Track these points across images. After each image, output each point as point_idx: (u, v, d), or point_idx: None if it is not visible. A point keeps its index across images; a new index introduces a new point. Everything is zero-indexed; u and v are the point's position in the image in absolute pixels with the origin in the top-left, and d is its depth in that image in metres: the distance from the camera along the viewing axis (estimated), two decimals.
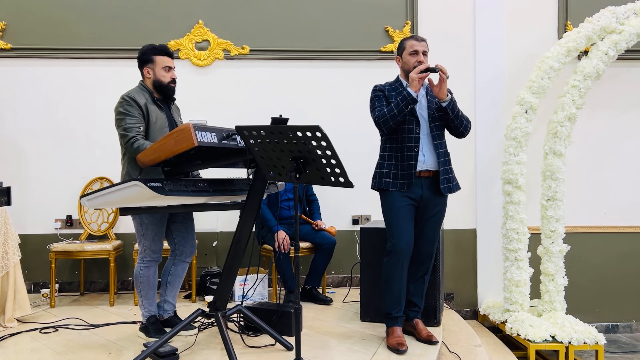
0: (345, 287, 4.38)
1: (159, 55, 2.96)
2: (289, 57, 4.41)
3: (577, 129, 4.00)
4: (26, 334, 3.18)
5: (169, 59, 2.98)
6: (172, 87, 3.00)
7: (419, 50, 2.87)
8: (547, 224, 3.89)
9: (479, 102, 4.41)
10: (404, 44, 2.93)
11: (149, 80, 2.98)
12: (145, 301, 3.01)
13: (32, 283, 4.23)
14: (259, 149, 2.37)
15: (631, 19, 3.98)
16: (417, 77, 2.72)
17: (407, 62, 2.90)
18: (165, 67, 2.96)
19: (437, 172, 2.90)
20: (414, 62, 2.85)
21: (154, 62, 2.95)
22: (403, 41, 2.95)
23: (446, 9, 4.44)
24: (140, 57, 2.99)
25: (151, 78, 2.97)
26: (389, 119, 2.79)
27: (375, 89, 2.97)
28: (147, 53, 2.97)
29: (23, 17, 4.25)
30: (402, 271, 2.91)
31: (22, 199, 4.19)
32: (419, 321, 3.05)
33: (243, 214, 2.73)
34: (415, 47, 2.87)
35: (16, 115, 4.27)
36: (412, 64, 2.85)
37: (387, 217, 2.96)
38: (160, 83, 2.96)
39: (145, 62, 2.98)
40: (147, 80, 2.99)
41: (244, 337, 2.97)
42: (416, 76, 2.72)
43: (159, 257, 3.02)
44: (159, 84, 2.96)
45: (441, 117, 2.93)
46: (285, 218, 3.98)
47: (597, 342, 3.58)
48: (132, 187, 2.37)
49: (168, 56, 2.98)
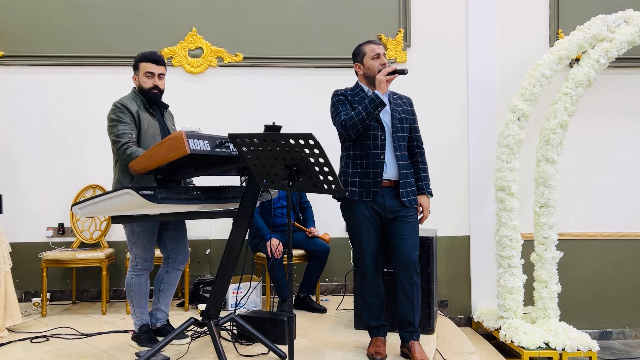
0: (339, 294, 4.36)
1: (143, 62, 2.96)
2: (283, 65, 4.42)
3: (569, 136, 4.02)
4: (17, 343, 3.15)
5: (152, 65, 2.95)
6: (155, 93, 2.96)
7: (381, 53, 2.85)
8: (540, 231, 3.90)
9: (472, 110, 4.43)
10: (363, 49, 2.88)
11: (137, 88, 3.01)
12: (137, 310, 2.99)
13: (23, 292, 4.19)
14: (251, 157, 2.37)
15: (622, 27, 4.02)
16: (385, 79, 2.69)
17: (370, 67, 2.84)
18: (146, 73, 2.94)
19: (397, 183, 2.83)
20: (378, 66, 2.82)
21: (139, 68, 2.97)
22: (360, 47, 2.89)
23: (439, 16, 4.47)
24: (133, 65, 3.02)
25: (137, 85, 2.99)
26: (357, 122, 2.72)
27: (337, 93, 2.90)
28: (136, 60, 2.99)
29: (16, 24, 4.24)
30: (371, 281, 2.88)
31: (14, 207, 4.16)
32: (414, 343, 2.84)
33: (236, 221, 2.72)
34: (376, 51, 2.84)
35: (8, 122, 4.24)
36: (377, 67, 2.82)
37: (350, 228, 2.89)
38: (142, 89, 2.96)
39: (134, 69, 3.01)
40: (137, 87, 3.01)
41: (237, 346, 2.95)
42: (384, 78, 2.69)
43: (150, 265, 3.00)
44: (141, 90, 2.96)
45: (406, 134, 2.91)
46: (279, 225, 3.97)
47: (591, 348, 3.59)
48: (124, 195, 2.36)
49: (153, 62, 2.96)
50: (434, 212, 3.14)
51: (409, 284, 2.82)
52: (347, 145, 2.91)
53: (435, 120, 4.37)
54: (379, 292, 2.93)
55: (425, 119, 3.44)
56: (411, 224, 2.84)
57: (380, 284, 2.93)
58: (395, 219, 2.83)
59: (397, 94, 2.98)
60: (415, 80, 4.26)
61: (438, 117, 4.41)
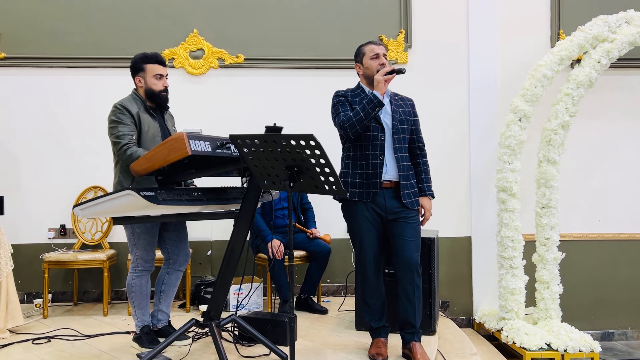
0: (340, 295, 4.36)
1: (149, 64, 2.94)
2: (284, 66, 4.42)
3: (570, 137, 4.02)
4: (18, 344, 3.15)
5: (160, 67, 2.96)
6: (164, 95, 2.98)
7: (380, 53, 2.85)
8: (542, 232, 3.89)
9: (473, 110, 4.43)
10: (363, 49, 2.89)
11: (141, 89, 2.97)
12: (138, 311, 2.99)
13: (24, 293, 4.19)
14: (252, 158, 2.37)
15: (623, 27, 4.01)
16: (383, 79, 2.68)
17: (369, 67, 2.85)
18: (156, 75, 2.94)
19: (397, 184, 2.82)
20: (377, 66, 2.82)
21: (144, 70, 2.94)
22: (361, 47, 2.90)
23: (440, 17, 4.47)
24: (132, 66, 2.98)
25: (143, 87, 2.96)
26: (356, 122, 2.72)
27: (338, 94, 2.90)
28: (138, 62, 2.96)
29: (17, 26, 4.24)
30: (373, 282, 2.88)
31: (15, 209, 4.17)
32: (416, 344, 2.83)
33: (237, 222, 2.72)
34: (375, 51, 2.84)
35: (10, 124, 4.25)
36: (375, 67, 2.82)
37: (351, 229, 2.89)
38: (151, 91, 2.94)
39: (137, 70, 2.97)
40: (139, 89, 2.98)
41: (238, 347, 2.95)
42: (382, 78, 2.68)
43: (151, 266, 3.00)
44: (151, 92, 2.95)
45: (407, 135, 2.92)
46: (280, 227, 3.97)
47: (593, 349, 3.57)
48: (125, 196, 2.36)
49: (159, 64, 2.96)
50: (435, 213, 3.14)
51: (410, 285, 2.81)
52: (347, 146, 2.91)
53: (436, 120, 4.37)
54: (380, 294, 2.93)
55: (426, 119, 3.44)
56: (412, 225, 2.83)
57: (381, 285, 2.93)
58: (396, 220, 2.82)
59: (398, 95, 2.98)
60: (416, 81, 4.27)
61: (439, 117, 4.41)
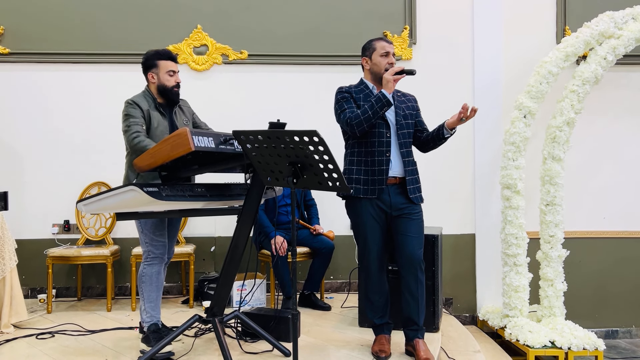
0: (343, 292, 4.36)
1: (162, 60, 2.96)
2: (288, 62, 4.41)
3: (575, 134, 3.99)
4: (22, 339, 3.16)
5: (172, 63, 2.98)
6: (176, 91, 2.99)
7: (390, 52, 2.84)
8: (546, 229, 3.88)
9: (478, 107, 4.38)
10: (374, 44, 2.86)
11: (153, 86, 2.98)
12: (148, 305, 2.90)
13: (29, 288, 4.21)
14: (256, 154, 2.36)
15: (629, 23, 3.98)
16: (392, 79, 2.67)
17: (377, 64, 2.83)
18: (169, 72, 2.95)
19: (403, 180, 2.82)
20: (386, 64, 2.81)
21: (157, 66, 2.95)
22: (372, 42, 2.87)
23: (444, 14, 4.45)
24: (144, 62, 2.99)
25: (155, 83, 2.96)
26: (363, 120, 2.70)
27: (342, 90, 2.88)
28: (150, 58, 2.97)
29: (21, 22, 4.25)
30: (376, 279, 2.88)
31: (20, 204, 4.18)
32: (419, 341, 2.82)
33: (240, 218, 2.72)
34: (386, 49, 2.83)
35: (14, 119, 4.26)
36: (384, 65, 2.81)
37: (355, 226, 2.89)
38: (164, 87, 2.95)
39: (149, 67, 2.97)
40: (151, 86, 2.99)
41: (241, 343, 2.95)
42: (391, 77, 2.67)
43: (162, 254, 2.93)
44: (163, 88, 2.95)
45: (411, 130, 2.92)
46: (284, 223, 3.96)
47: (597, 347, 3.56)
48: (128, 192, 2.36)
49: (172, 60, 2.98)
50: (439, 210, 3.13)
51: (413, 282, 2.81)
52: (351, 142, 2.90)
53: (441, 117, 4.28)
54: (384, 290, 2.92)
55: (431, 116, 3.42)
56: (416, 222, 2.83)
57: (384, 282, 2.92)
58: (400, 216, 2.82)
59: (400, 92, 2.97)
60: (421, 77, 4.21)
61: (443, 114, 4.32)
